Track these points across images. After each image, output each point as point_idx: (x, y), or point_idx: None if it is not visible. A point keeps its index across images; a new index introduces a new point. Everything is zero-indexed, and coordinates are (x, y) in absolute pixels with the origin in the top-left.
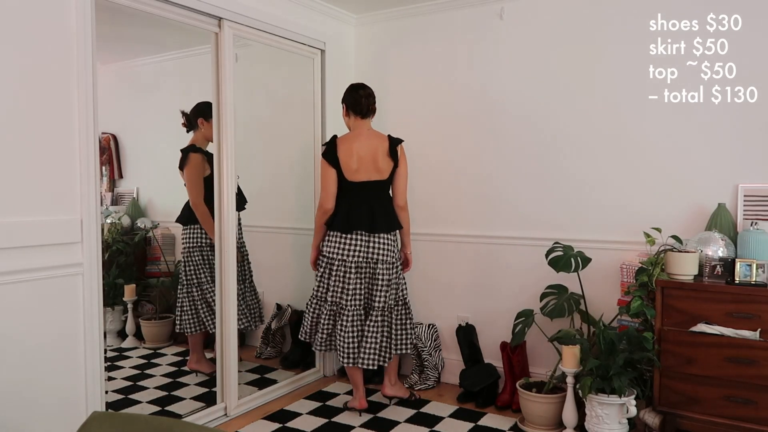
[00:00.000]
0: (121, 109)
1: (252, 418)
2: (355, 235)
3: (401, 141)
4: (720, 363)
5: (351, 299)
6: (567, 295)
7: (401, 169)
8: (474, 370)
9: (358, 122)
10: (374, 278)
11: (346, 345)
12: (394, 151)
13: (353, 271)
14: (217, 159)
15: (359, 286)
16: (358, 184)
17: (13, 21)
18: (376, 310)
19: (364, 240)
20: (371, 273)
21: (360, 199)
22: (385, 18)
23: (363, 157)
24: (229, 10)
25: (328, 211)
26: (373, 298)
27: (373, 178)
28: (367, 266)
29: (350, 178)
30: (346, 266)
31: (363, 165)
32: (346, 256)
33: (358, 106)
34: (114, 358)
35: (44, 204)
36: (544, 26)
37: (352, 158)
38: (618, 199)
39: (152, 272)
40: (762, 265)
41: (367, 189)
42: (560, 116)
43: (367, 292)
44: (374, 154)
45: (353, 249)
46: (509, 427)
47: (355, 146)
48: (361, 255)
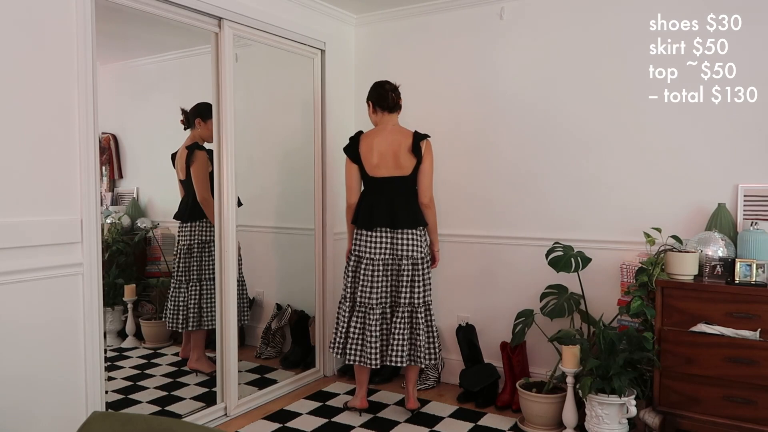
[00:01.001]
0: (121, 109)
1: (252, 418)
2: (379, 231)
3: (427, 137)
4: (720, 363)
5: (378, 297)
6: (567, 295)
7: (425, 165)
8: (474, 370)
9: (384, 117)
10: (399, 275)
11: (373, 347)
12: (417, 147)
13: (380, 268)
14: (217, 159)
15: (385, 283)
16: (380, 179)
17: (13, 21)
18: (402, 306)
19: (388, 236)
20: (396, 269)
21: (381, 194)
22: (385, 18)
23: (383, 152)
24: (229, 10)
25: (351, 205)
26: (399, 295)
27: (394, 173)
28: (393, 263)
29: (371, 174)
30: (374, 264)
31: (383, 160)
32: (372, 253)
33: (385, 101)
34: (114, 358)
35: (44, 204)
36: (544, 26)
37: (372, 153)
38: (618, 199)
39: (152, 272)
40: (762, 265)
41: (389, 185)
42: (560, 116)
43: (393, 290)
44: (396, 149)
45: (378, 246)
46: (509, 427)
47: (376, 141)
48: (386, 252)
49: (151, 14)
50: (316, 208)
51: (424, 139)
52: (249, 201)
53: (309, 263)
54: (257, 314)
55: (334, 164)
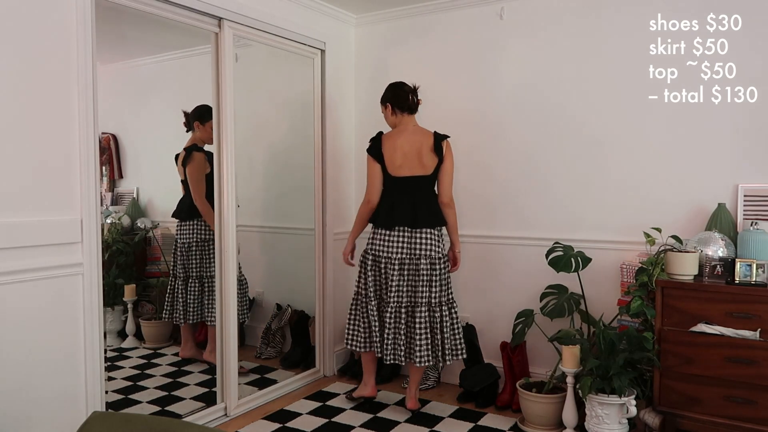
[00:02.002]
0: (121, 109)
1: (252, 418)
2: (398, 231)
3: (447, 137)
4: (720, 363)
5: (395, 296)
6: (567, 295)
7: (446, 165)
8: (474, 370)
9: (404, 119)
10: (418, 274)
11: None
12: (439, 147)
13: (397, 268)
14: (217, 159)
15: (402, 282)
16: (402, 179)
17: (13, 21)
18: (421, 306)
19: (406, 236)
20: (414, 269)
21: (403, 194)
22: (385, 18)
23: (407, 152)
24: (229, 10)
25: (373, 205)
26: (416, 295)
27: (417, 173)
28: (411, 263)
29: (394, 174)
30: (392, 263)
31: (407, 160)
32: (390, 252)
33: (405, 102)
34: (114, 358)
35: (44, 204)
36: (544, 26)
37: (396, 153)
38: (618, 199)
39: (152, 272)
40: (762, 265)
41: (411, 184)
42: (560, 117)
43: (411, 290)
44: (419, 149)
45: (397, 245)
46: (509, 427)
47: (399, 142)
48: (404, 251)
49: (151, 14)
50: (316, 208)
51: (445, 139)
52: (249, 201)
53: (309, 263)
54: (257, 314)
55: (334, 164)
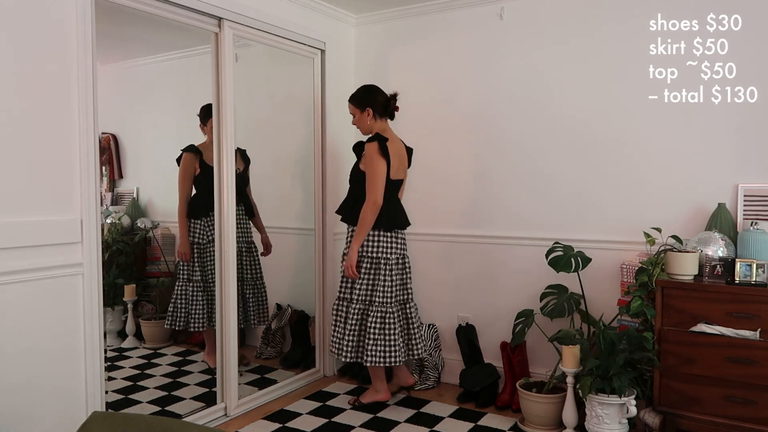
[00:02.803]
0: (121, 109)
1: (252, 418)
2: (394, 232)
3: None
4: (720, 363)
5: (395, 296)
6: (567, 295)
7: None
8: (474, 370)
9: (385, 125)
10: (405, 273)
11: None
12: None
13: (394, 269)
14: (217, 159)
15: (399, 282)
16: (395, 182)
17: (12, 21)
18: (410, 302)
19: (400, 237)
20: (402, 267)
21: (395, 196)
22: (385, 18)
23: (402, 156)
24: (229, 10)
25: (380, 207)
26: (406, 292)
27: (401, 177)
28: (399, 262)
29: (392, 176)
30: (390, 264)
31: (401, 164)
32: (389, 254)
33: (388, 109)
34: (114, 358)
35: (44, 204)
36: (544, 26)
37: (395, 157)
38: (618, 199)
39: (152, 272)
40: (762, 265)
41: (396, 187)
42: (560, 116)
43: (402, 288)
44: (403, 154)
45: (394, 246)
46: (509, 427)
47: (394, 146)
48: (398, 252)
49: (151, 14)
50: (316, 208)
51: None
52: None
53: (309, 263)
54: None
55: (334, 164)
